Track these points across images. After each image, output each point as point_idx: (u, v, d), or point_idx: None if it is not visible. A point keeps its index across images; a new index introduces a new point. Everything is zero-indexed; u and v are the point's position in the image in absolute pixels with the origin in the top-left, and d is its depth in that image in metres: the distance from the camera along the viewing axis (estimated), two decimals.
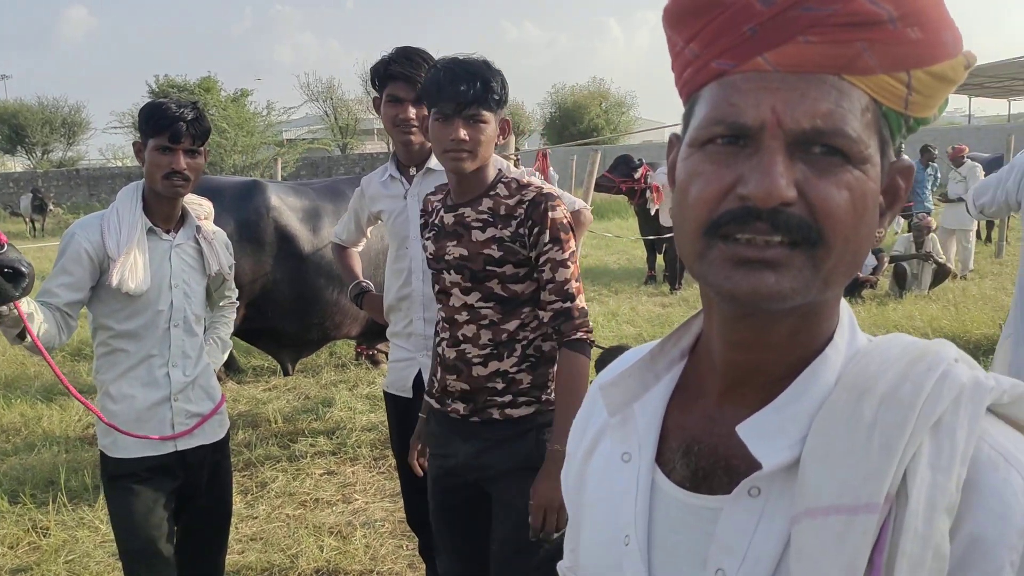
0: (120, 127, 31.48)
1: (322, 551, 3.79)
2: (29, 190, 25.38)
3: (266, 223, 4.86)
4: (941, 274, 9.59)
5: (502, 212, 2.17)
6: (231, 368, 6.87)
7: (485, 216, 2.17)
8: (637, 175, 10.77)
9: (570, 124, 42.10)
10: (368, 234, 3.22)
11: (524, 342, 2.21)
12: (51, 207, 24.49)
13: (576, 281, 2.18)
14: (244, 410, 5.95)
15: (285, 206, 4.95)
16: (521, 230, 2.15)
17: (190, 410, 2.57)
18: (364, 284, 3.11)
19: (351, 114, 40.21)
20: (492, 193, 2.21)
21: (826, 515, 0.67)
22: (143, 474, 2.50)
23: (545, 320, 2.18)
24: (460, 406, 2.24)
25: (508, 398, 2.20)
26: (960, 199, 9.12)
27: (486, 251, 2.15)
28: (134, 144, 2.54)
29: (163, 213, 2.54)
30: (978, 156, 13.59)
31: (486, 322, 2.19)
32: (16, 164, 44.15)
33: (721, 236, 0.69)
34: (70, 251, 2.43)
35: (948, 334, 7.26)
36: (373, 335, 5.47)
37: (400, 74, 2.60)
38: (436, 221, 2.28)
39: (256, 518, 4.19)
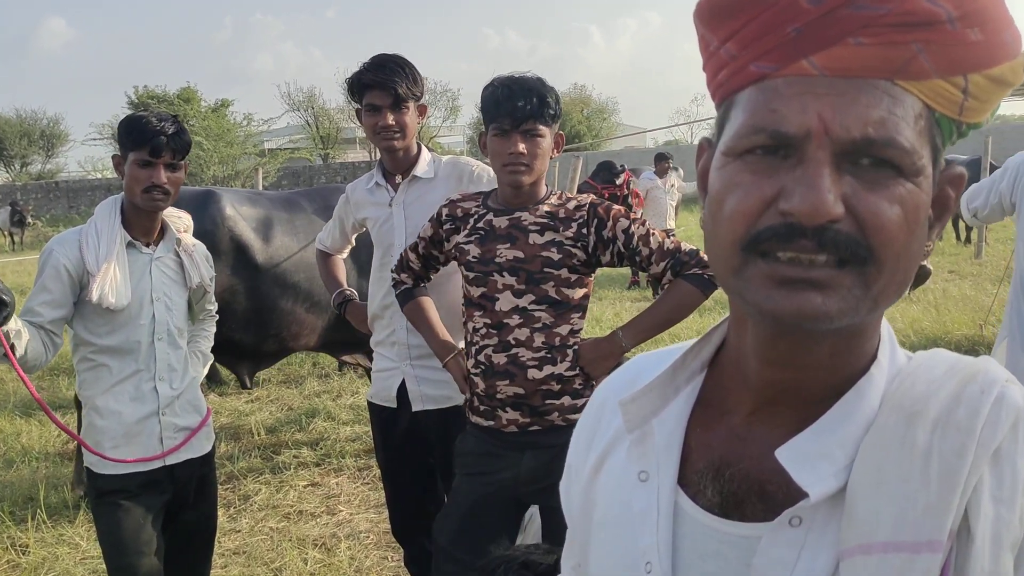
0: (100, 139, 31.31)
1: (306, 564, 3.76)
2: (8, 203, 25.17)
3: (221, 233, 4.78)
4: (921, 275, 9.65)
5: (561, 215, 2.26)
6: (213, 380, 6.82)
7: (544, 220, 2.26)
8: (619, 181, 10.80)
9: None
10: (353, 241, 3.19)
11: (575, 347, 2.28)
12: (30, 220, 24.29)
13: (669, 239, 2.30)
14: (226, 422, 5.91)
15: (239, 215, 4.86)
16: (584, 230, 2.24)
17: (178, 424, 2.55)
18: (348, 292, 3.09)
19: (333, 123, 40.10)
20: (547, 201, 2.30)
21: (884, 552, 0.62)
22: (133, 490, 2.48)
23: (665, 282, 2.30)
24: (515, 415, 2.26)
25: (566, 400, 2.26)
26: None
27: (544, 253, 2.23)
28: (113, 158, 2.51)
29: (142, 227, 2.52)
30: (956, 158, 13.71)
31: (539, 325, 2.24)
32: None
33: (760, 252, 0.64)
34: (49, 268, 2.40)
35: (930, 336, 7.31)
36: (332, 346, 5.38)
37: (375, 82, 2.60)
38: (481, 225, 2.31)
39: (239, 531, 4.15)
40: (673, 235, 2.51)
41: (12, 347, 2.24)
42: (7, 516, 4.30)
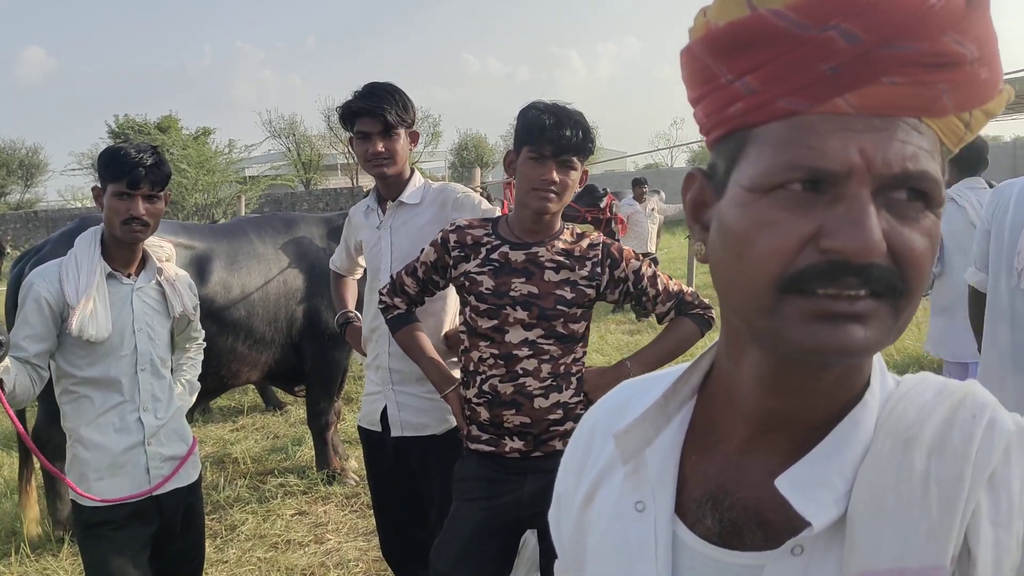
0: (79, 168, 31.12)
1: None
2: None
3: None
4: None
5: (576, 254, 2.29)
6: (200, 407, 6.71)
7: (560, 258, 2.28)
8: (602, 204, 10.85)
9: None
10: (362, 263, 3.19)
11: (578, 375, 2.32)
12: (9, 250, 24.08)
13: (672, 281, 2.38)
14: (211, 451, 5.85)
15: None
16: (597, 269, 2.29)
17: (164, 453, 2.54)
18: (351, 315, 3.10)
19: (314, 150, 40.13)
20: (561, 236, 2.31)
21: None
22: (119, 521, 2.46)
23: (667, 320, 2.42)
24: (519, 443, 2.28)
25: (569, 425, 2.29)
26: None
27: (558, 292, 2.26)
28: (93, 189, 2.51)
29: (123, 258, 2.51)
30: None
31: (547, 357, 2.27)
32: None
33: (798, 290, 0.63)
34: (30, 301, 2.39)
35: (912, 355, 7.37)
36: (277, 378, 5.28)
37: (364, 109, 2.63)
38: (495, 257, 2.31)
39: (226, 562, 4.11)
40: (653, 258, 2.54)
41: (1, 383, 2.22)
42: None
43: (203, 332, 2.87)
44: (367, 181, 38.61)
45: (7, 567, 4.07)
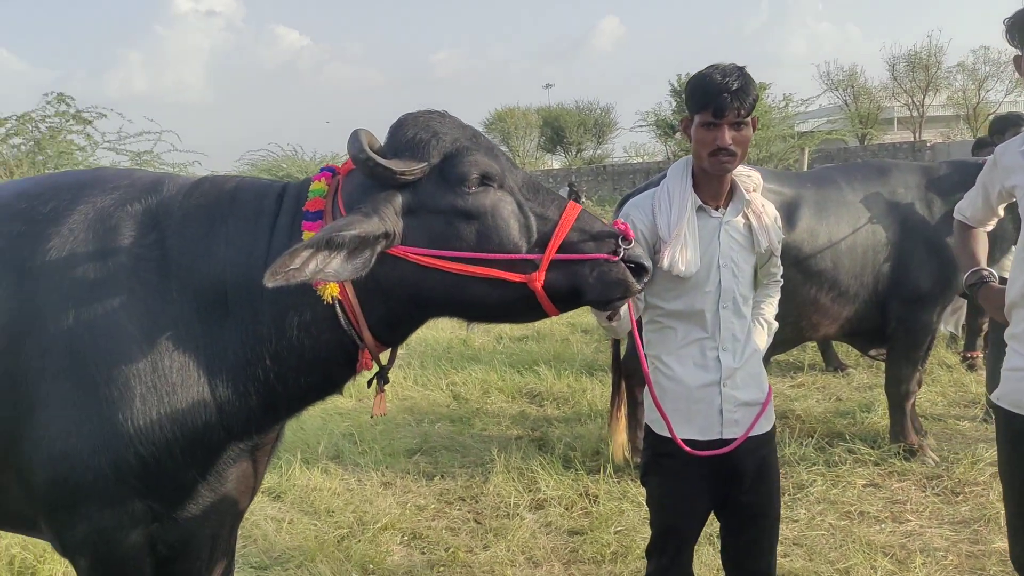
0: (644, 125, 33.54)
1: (875, 572, 3.43)
2: (566, 184, 28.49)
3: None
4: None
5: None
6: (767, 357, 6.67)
7: None
8: None
9: None
10: (1000, 212, 2.70)
11: None
12: (584, 200, 27.17)
13: None
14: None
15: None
16: None
17: (739, 397, 2.45)
18: (985, 272, 2.63)
19: (873, 102, 37.81)
20: None
21: None
22: (685, 457, 2.43)
23: None
24: None
25: None
26: None
27: None
28: (681, 120, 2.48)
29: (711, 190, 2.45)
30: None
31: None
32: (554, 162, 49.76)
33: None
34: None
35: None
36: (854, 336, 4.96)
37: None
38: None
39: (797, 521, 3.98)
40: None
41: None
42: (580, 465, 4.69)
43: (781, 268, 2.70)
44: (931, 135, 35.15)
45: (594, 483, 4.46)
